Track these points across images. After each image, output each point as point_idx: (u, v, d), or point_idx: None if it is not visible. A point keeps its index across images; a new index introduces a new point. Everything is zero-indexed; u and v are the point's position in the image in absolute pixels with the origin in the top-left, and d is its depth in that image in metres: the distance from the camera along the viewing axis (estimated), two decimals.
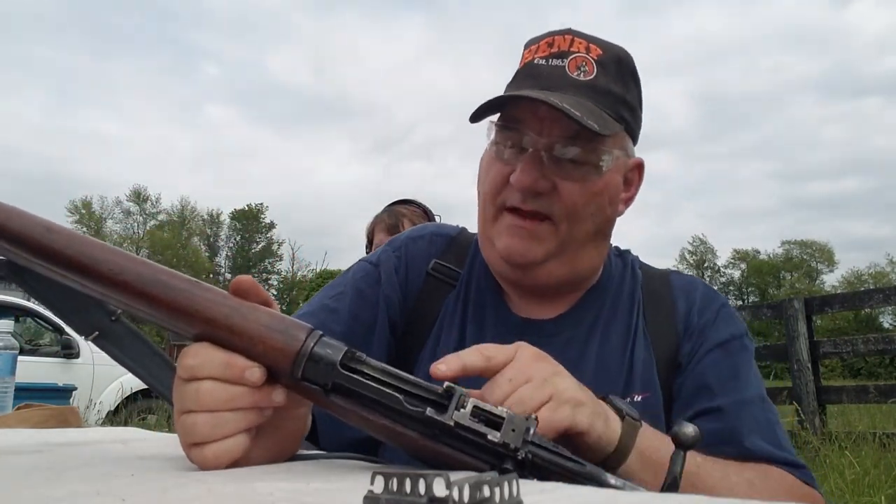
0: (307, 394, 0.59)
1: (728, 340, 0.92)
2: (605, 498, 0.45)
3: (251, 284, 0.60)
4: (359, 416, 0.58)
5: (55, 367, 6.60)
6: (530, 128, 0.86)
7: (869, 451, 3.82)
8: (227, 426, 0.56)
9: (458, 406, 0.56)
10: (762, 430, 0.85)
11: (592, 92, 0.86)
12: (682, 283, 1.00)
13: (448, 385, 0.57)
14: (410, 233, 1.06)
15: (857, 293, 6.37)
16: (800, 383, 5.36)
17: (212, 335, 0.58)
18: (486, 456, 0.56)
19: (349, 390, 0.57)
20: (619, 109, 0.89)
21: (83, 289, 0.58)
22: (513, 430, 0.55)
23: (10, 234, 0.57)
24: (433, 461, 0.58)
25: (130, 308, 0.59)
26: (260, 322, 0.58)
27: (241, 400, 0.57)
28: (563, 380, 0.67)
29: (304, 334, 0.58)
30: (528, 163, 0.85)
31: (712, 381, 0.88)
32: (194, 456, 0.57)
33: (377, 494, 0.34)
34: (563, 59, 0.88)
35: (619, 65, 0.90)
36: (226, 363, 0.56)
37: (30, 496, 0.43)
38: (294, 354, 0.57)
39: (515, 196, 0.87)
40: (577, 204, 0.87)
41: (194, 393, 0.56)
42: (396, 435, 0.58)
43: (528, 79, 0.89)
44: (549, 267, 0.90)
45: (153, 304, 0.58)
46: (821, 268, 52.36)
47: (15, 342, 1.55)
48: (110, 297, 0.58)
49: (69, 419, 1.05)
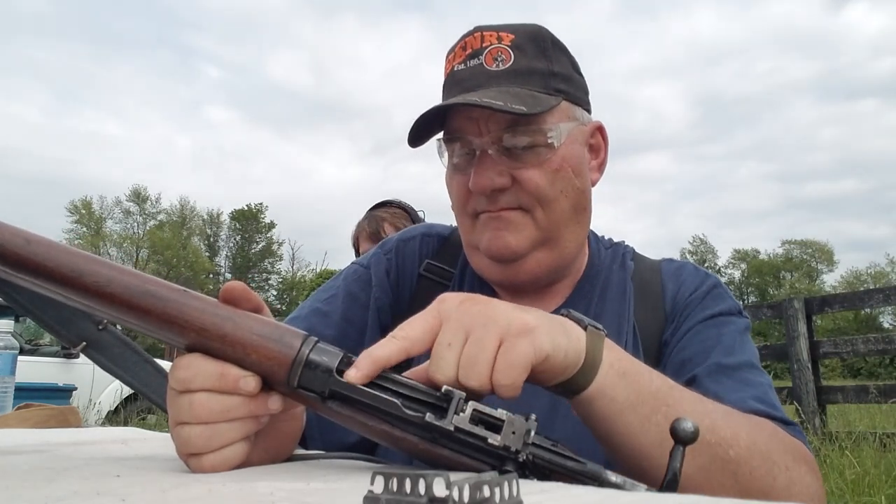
0: (304, 401, 0.58)
1: (715, 315, 0.89)
2: (605, 498, 0.45)
3: (242, 291, 0.59)
4: (357, 422, 0.57)
5: (55, 367, 6.61)
6: (470, 132, 0.87)
7: (869, 451, 3.82)
8: (223, 437, 0.55)
9: (457, 410, 0.55)
10: (751, 391, 0.80)
11: (515, 76, 0.86)
12: (672, 267, 0.98)
13: (446, 388, 0.56)
14: (402, 235, 1.06)
15: (857, 293, 6.36)
16: (800, 383, 5.36)
17: (204, 345, 0.56)
18: (487, 458, 0.55)
19: (346, 397, 0.56)
20: (549, 83, 0.88)
21: (68, 301, 0.56)
22: (513, 433, 0.55)
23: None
24: (434, 463, 0.57)
25: (119, 320, 0.57)
26: (253, 330, 0.56)
27: (237, 410, 0.56)
28: (502, 311, 0.60)
29: (298, 341, 0.57)
30: (480, 165, 0.86)
31: (693, 353, 0.84)
32: (192, 465, 0.56)
33: (377, 494, 0.34)
34: (479, 57, 0.88)
35: (536, 41, 0.90)
36: (219, 374, 0.55)
37: (30, 496, 0.43)
38: (290, 363, 0.56)
39: (481, 201, 0.87)
40: (540, 186, 0.86)
41: (188, 405, 0.55)
42: (396, 439, 0.57)
43: (453, 87, 0.89)
44: (537, 256, 0.89)
45: (142, 315, 0.56)
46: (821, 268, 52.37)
47: (15, 342, 1.55)
48: (97, 310, 0.56)
49: (69, 419, 1.05)
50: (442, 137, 0.91)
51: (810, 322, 5.54)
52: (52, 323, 0.65)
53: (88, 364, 6.92)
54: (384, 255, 1.02)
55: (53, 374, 6.33)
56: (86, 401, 6.50)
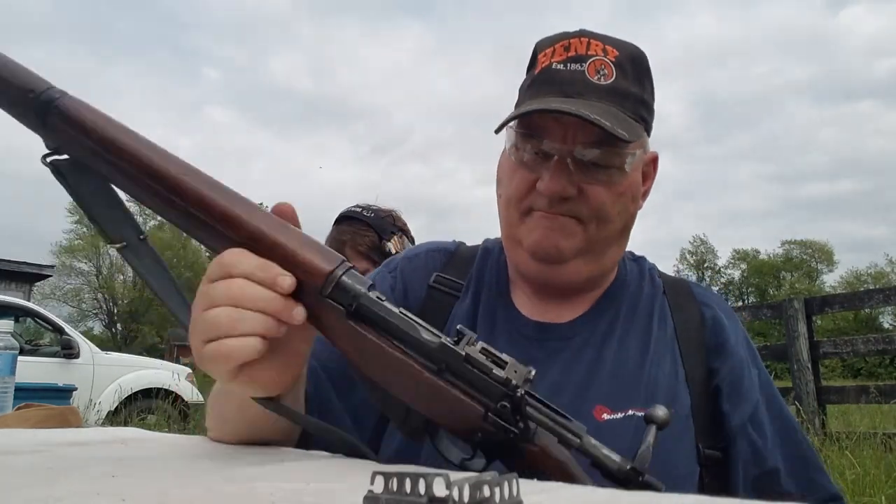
0: (328, 313, 0.61)
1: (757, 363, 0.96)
2: (605, 498, 0.45)
3: (292, 213, 0.65)
4: (367, 347, 0.61)
5: (55, 367, 6.60)
6: (554, 135, 0.86)
7: (869, 451, 3.82)
8: (248, 324, 0.58)
9: (468, 343, 0.61)
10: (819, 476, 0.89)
11: (614, 95, 0.86)
12: (703, 294, 1.00)
13: (460, 326, 0.63)
14: (406, 253, 1.06)
15: (857, 293, 6.37)
16: (800, 383, 5.35)
17: (252, 245, 0.61)
18: (484, 397, 0.60)
19: (368, 314, 0.61)
20: (639, 110, 0.89)
21: (149, 187, 0.64)
22: (515, 372, 0.61)
23: (101, 137, 0.64)
24: (430, 406, 0.62)
25: (188, 207, 0.63)
26: (301, 240, 0.62)
27: (268, 304, 0.59)
28: None
29: (338, 260, 0.62)
30: (556, 170, 0.85)
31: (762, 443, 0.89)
32: (207, 352, 0.59)
33: (377, 494, 0.34)
34: (582, 63, 0.87)
35: (635, 64, 0.90)
36: (262, 265, 0.60)
37: (30, 496, 0.43)
38: (326, 273, 0.61)
39: (542, 201, 0.87)
40: (605, 205, 0.87)
41: (224, 288, 0.59)
42: (401, 369, 0.61)
43: (547, 84, 0.88)
44: (577, 264, 0.90)
45: (208, 205, 0.63)
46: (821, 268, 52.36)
47: (15, 342, 1.55)
48: (173, 195, 0.63)
49: (69, 419, 1.05)
50: (517, 128, 0.89)
51: (810, 322, 5.53)
52: (103, 219, 0.69)
53: (88, 364, 6.92)
54: (389, 273, 1.01)
55: (53, 374, 6.32)
56: (86, 401, 6.49)
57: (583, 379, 0.87)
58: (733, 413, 0.88)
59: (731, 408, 0.89)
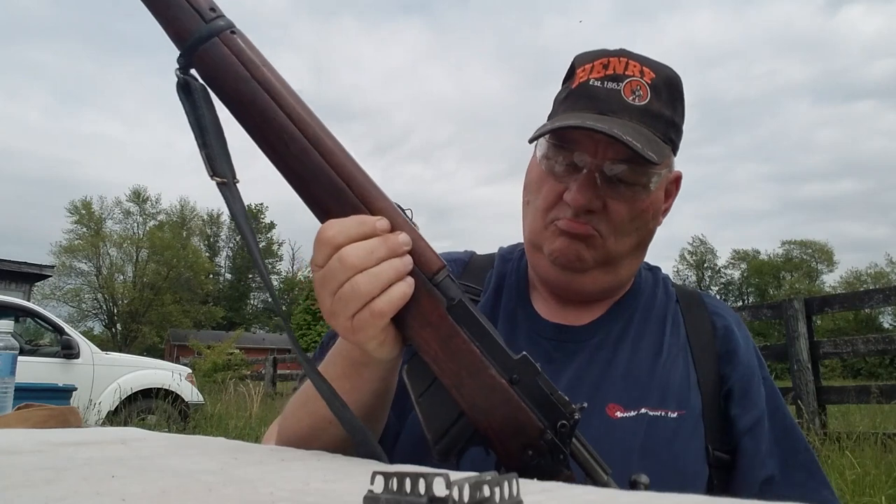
0: (429, 300, 0.65)
1: (764, 372, 0.97)
2: (606, 498, 0.45)
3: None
4: (457, 343, 0.64)
5: (55, 367, 6.60)
6: (585, 149, 0.88)
7: (869, 451, 3.82)
8: (381, 276, 0.62)
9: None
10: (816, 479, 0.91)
11: (646, 117, 0.88)
12: (714, 304, 1.03)
13: (524, 354, 0.65)
14: None
15: (857, 293, 6.35)
16: (800, 384, 5.35)
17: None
18: (542, 416, 0.63)
19: (464, 316, 0.65)
20: (668, 132, 0.91)
21: (281, 139, 0.67)
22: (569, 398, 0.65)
23: (262, 78, 0.68)
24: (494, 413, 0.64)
25: (327, 172, 0.66)
26: (416, 231, 0.66)
27: (379, 250, 0.62)
28: None
29: (441, 262, 0.66)
30: (584, 183, 0.87)
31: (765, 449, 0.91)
32: (361, 318, 0.62)
33: (377, 494, 0.34)
34: (619, 83, 0.89)
35: (670, 87, 0.92)
36: (359, 221, 0.63)
37: (30, 496, 0.43)
38: (442, 266, 0.66)
39: (567, 211, 0.89)
40: (624, 221, 0.90)
41: (339, 263, 0.62)
42: (481, 371, 0.63)
43: (583, 100, 0.90)
44: (596, 274, 0.93)
45: (347, 175, 0.66)
46: (820, 268, 52.37)
47: (15, 342, 1.55)
48: (293, 134, 0.67)
49: (69, 419, 1.05)
50: (550, 139, 0.91)
51: (810, 322, 5.53)
52: (212, 149, 0.70)
53: (88, 364, 6.92)
54: None
55: (53, 375, 6.32)
56: (86, 401, 6.50)
57: (597, 378, 0.90)
58: (741, 418, 0.90)
59: (740, 413, 0.91)
